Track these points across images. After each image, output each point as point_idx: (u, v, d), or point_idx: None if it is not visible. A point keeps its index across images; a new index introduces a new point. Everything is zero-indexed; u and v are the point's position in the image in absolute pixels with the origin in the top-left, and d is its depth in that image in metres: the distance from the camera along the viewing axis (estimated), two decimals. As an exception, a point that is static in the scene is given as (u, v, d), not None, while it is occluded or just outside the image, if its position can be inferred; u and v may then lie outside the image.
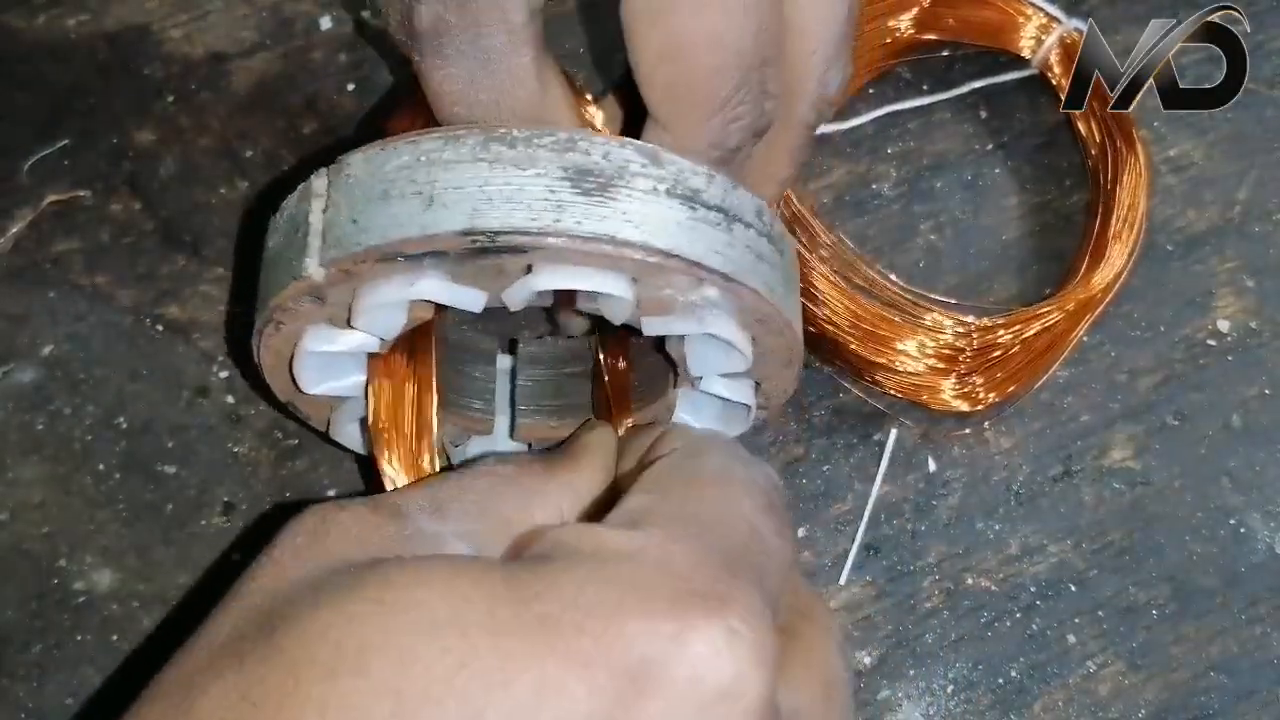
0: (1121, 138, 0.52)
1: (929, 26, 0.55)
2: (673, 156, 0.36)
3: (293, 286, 0.35)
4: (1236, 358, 0.51)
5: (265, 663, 0.29)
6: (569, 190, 0.34)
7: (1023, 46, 0.55)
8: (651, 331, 0.37)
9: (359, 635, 0.28)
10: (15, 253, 0.50)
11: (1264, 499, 0.49)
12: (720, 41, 0.37)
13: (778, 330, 0.38)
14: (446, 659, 0.28)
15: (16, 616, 0.45)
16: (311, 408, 0.42)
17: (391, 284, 0.35)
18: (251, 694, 0.28)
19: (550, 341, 0.47)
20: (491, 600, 0.29)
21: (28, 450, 0.47)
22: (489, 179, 0.34)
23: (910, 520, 0.48)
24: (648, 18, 0.37)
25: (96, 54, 0.54)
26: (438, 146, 0.35)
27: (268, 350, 0.39)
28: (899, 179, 0.54)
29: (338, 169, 0.36)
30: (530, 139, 0.35)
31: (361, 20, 0.55)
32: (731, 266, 0.36)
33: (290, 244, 0.36)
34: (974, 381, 0.49)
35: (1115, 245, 0.51)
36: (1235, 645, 0.47)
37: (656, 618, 0.28)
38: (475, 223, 0.34)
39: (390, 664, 0.28)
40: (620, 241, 0.34)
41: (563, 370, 0.47)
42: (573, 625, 0.28)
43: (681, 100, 0.38)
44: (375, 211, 0.34)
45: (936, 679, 0.46)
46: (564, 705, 0.27)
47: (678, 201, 0.35)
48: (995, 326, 0.48)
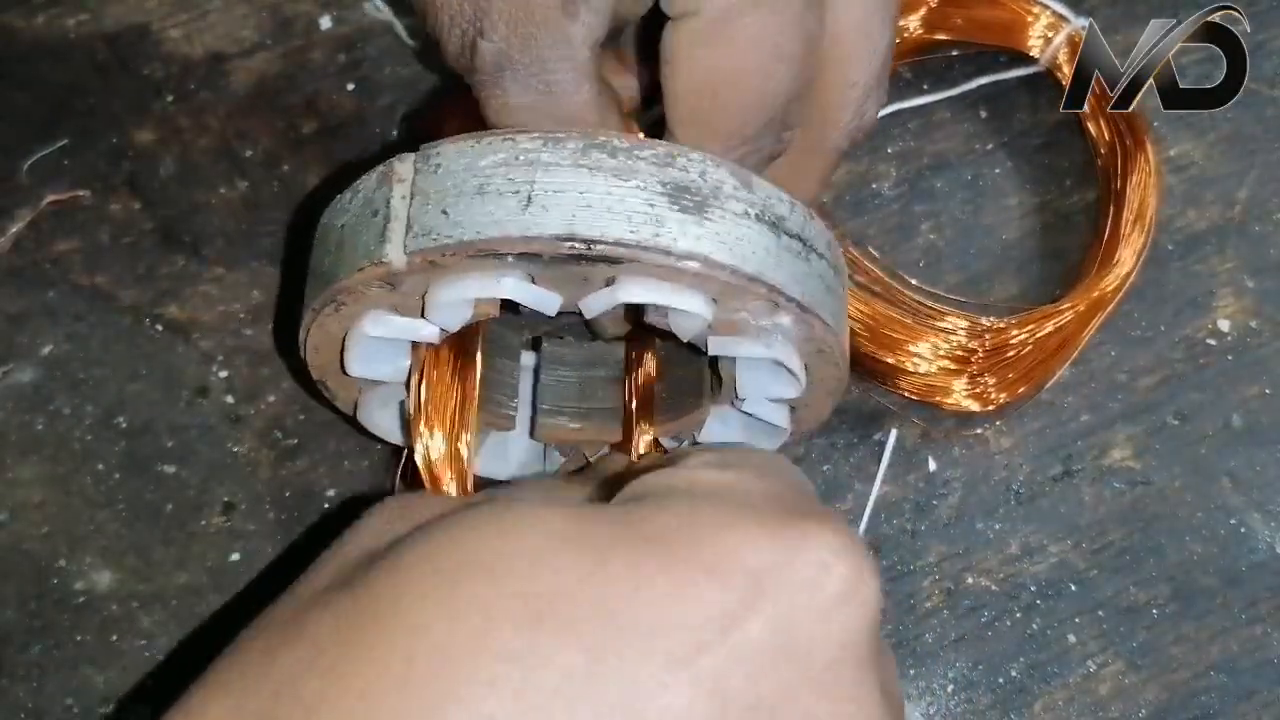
0: (1131, 137, 0.52)
1: (937, 26, 0.55)
2: (761, 182, 0.36)
3: (368, 271, 0.35)
4: (1236, 358, 0.51)
5: (379, 581, 0.30)
6: (667, 205, 0.34)
7: (1031, 45, 0.55)
8: (717, 351, 0.38)
9: (484, 546, 0.29)
10: (15, 253, 0.50)
11: (1264, 499, 0.49)
12: (752, 84, 0.38)
13: (833, 361, 0.39)
14: (578, 565, 0.29)
15: (16, 616, 0.45)
16: (341, 388, 0.42)
17: (475, 280, 0.35)
18: (368, 608, 0.29)
19: (576, 343, 0.47)
20: (612, 522, 0.30)
21: (28, 450, 0.47)
22: (590, 186, 0.34)
23: (910, 520, 0.48)
24: (687, 49, 0.37)
25: (95, 54, 0.54)
26: (537, 147, 0.34)
27: (320, 329, 0.38)
28: (899, 179, 0.54)
29: (425, 157, 0.36)
30: (631, 150, 0.34)
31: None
32: (808, 297, 0.36)
33: (366, 227, 0.36)
34: (986, 382, 0.49)
35: (1125, 245, 0.51)
36: (1235, 645, 0.47)
37: (773, 529, 0.30)
38: (574, 228, 0.33)
39: (519, 570, 0.29)
40: (712, 262, 0.34)
41: (587, 373, 0.46)
42: (692, 540, 0.29)
43: (705, 131, 0.38)
44: (469, 206, 0.34)
45: (936, 679, 0.46)
46: (694, 604, 0.28)
47: (765, 227, 0.35)
48: (1008, 327, 0.49)
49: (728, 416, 0.44)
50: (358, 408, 0.43)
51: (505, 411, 0.45)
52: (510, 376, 0.46)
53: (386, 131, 0.53)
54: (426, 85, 0.54)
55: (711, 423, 0.44)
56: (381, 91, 0.54)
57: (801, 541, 0.30)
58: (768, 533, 0.30)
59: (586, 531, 0.30)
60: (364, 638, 0.28)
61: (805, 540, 0.30)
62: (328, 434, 0.48)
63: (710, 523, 0.30)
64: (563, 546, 0.29)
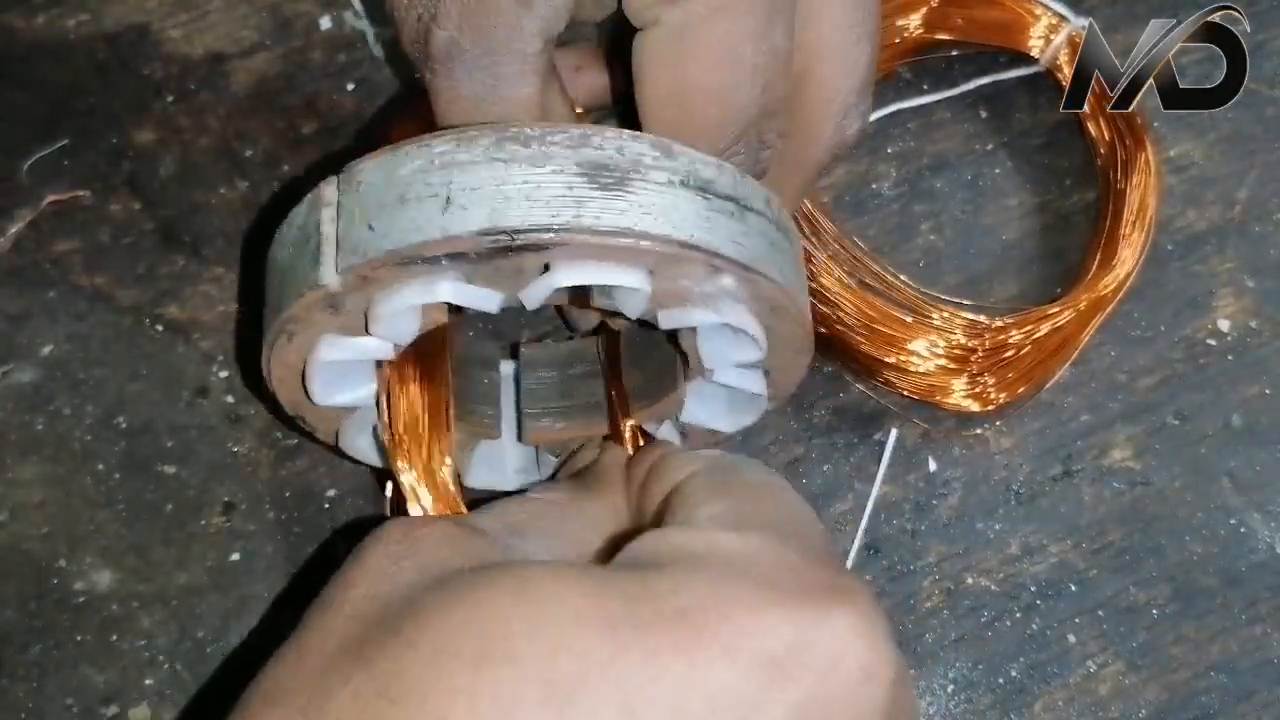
0: (1131, 137, 0.52)
1: (937, 26, 0.55)
2: (683, 148, 0.36)
3: (308, 297, 0.35)
4: (1236, 358, 0.51)
5: (399, 659, 0.29)
6: (586, 186, 0.34)
7: (1031, 45, 0.55)
8: (668, 324, 0.37)
9: (503, 627, 0.29)
10: (15, 253, 0.50)
11: (1264, 499, 0.49)
12: (724, 97, 0.38)
13: (791, 318, 0.39)
14: (598, 650, 0.28)
15: (16, 616, 0.45)
16: (319, 420, 0.42)
17: (410, 288, 0.35)
18: (389, 690, 0.28)
19: (552, 344, 0.47)
20: (628, 598, 0.30)
21: (28, 450, 0.47)
22: (505, 178, 0.34)
23: (910, 520, 0.48)
24: (660, 61, 0.37)
25: (96, 54, 0.54)
26: (450, 149, 0.34)
27: (278, 363, 0.38)
28: (899, 179, 0.54)
29: (348, 177, 0.36)
30: (544, 136, 0.34)
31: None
32: (747, 255, 0.36)
33: (302, 254, 0.36)
34: (985, 381, 0.49)
35: (1125, 245, 0.51)
36: (1235, 645, 0.47)
37: (794, 607, 0.29)
38: (495, 222, 0.34)
39: (540, 654, 0.28)
40: (641, 234, 0.34)
41: (567, 371, 0.47)
42: (713, 617, 0.29)
43: (682, 140, 0.38)
44: (392, 216, 0.34)
45: (936, 679, 0.46)
46: (714, 691, 0.28)
47: (692, 192, 0.35)
48: (1007, 326, 0.49)
49: (704, 391, 0.43)
50: (338, 437, 0.43)
51: (490, 420, 0.46)
52: (491, 386, 0.46)
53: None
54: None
55: (691, 401, 0.44)
56: (381, 91, 0.54)
57: (821, 621, 0.29)
58: (787, 614, 0.29)
59: (606, 610, 0.29)
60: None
61: (825, 620, 0.29)
62: (328, 434, 0.48)
63: (729, 602, 0.30)
64: (582, 628, 0.29)
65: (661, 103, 0.38)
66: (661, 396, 0.44)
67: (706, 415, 0.44)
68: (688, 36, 0.37)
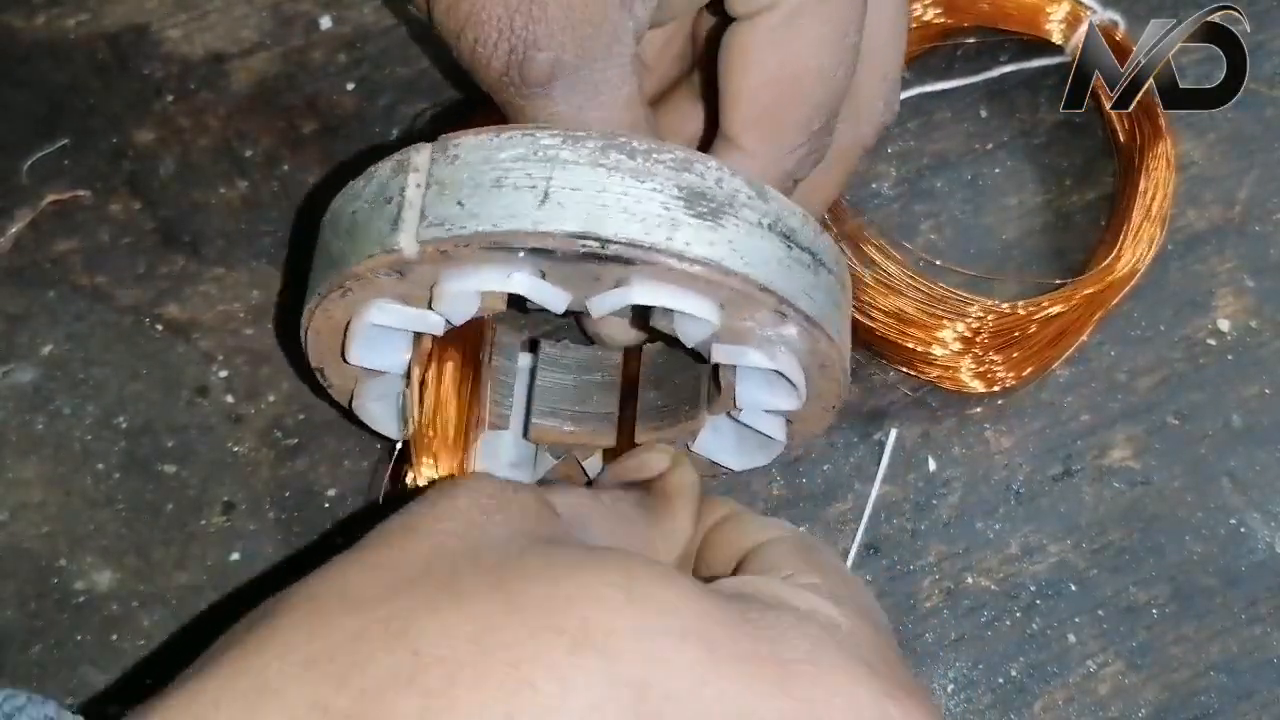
0: (1149, 122, 0.52)
1: (959, 11, 0.55)
2: (775, 193, 0.36)
3: (378, 258, 0.35)
4: (1236, 358, 0.51)
5: (497, 613, 0.28)
6: (683, 210, 0.34)
7: (1050, 31, 0.55)
8: (720, 359, 0.38)
9: (608, 620, 0.28)
10: (15, 253, 0.50)
11: (1264, 499, 0.49)
12: (827, 77, 0.38)
13: (834, 377, 0.39)
14: (693, 669, 0.28)
15: (16, 616, 0.45)
16: (339, 377, 0.42)
17: (485, 273, 0.35)
18: (482, 638, 0.28)
19: (572, 346, 0.47)
20: (732, 627, 0.30)
21: (28, 450, 0.47)
22: (606, 185, 0.34)
23: (910, 520, 0.48)
24: (762, 45, 0.38)
25: (96, 54, 0.54)
26: (555, 144, 0.34)
27: (324, 315, 0.38)
28: (899, 179, 0.54)
29: (442, 147, 0.35)
30: (650, 152, 0.35)
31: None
32: (815, 309, 0.36)
33: (378, 214, 0.35)
34: (992, 361, 0.49)
35: (1141, 231, 0.51)
36: (1235, 645, 0.47)
37: (885, 692, 0.30)
38: (590, 227, 0.33)
39: (639, 658, 0.28)
40: (724, 269, 0.34)
41: (583, 377, 0.46)
42: (809, 676, 0.29)
43: (776, 127, 0.39)
44: (485, 198, 0.34)
45: (936, 679, 0.46)
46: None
47: (777, 238, 0.36)
48: (1015, 307, 0.49)
49: (722, 427, 0.43)
50: (354, 398, 0.43)
51: (501, 410, 0.45)
52: (507, 375, 0.46)
53: (386, 131, 0.53)
54: (427, 85, 0.54)
55: (706, 433, 0.44)
56: (381, 91, 0.54)
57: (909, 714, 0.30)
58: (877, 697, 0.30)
59: (709, 631, 0.29)
60: (469, 667, 0.27)
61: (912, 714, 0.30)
62: (328, 434, 0.48)
63: (829, 666, 0.30)
64: (682, 642, 0.29)
65: (767, 87, 0.38)
66: (677, 422, 0.44)
67: (718, 450, 0.44)
68: (803, 18, 0.37)
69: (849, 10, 0.38)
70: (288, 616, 0.29)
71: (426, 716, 0.27)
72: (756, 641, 0.29)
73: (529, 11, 0.35)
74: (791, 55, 0.38)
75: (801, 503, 0.48)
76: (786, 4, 0.37)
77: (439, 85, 0.54)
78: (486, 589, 0.29)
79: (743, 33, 0.38)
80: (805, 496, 0.48)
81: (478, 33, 0.36)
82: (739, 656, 0.29)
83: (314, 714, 0.27)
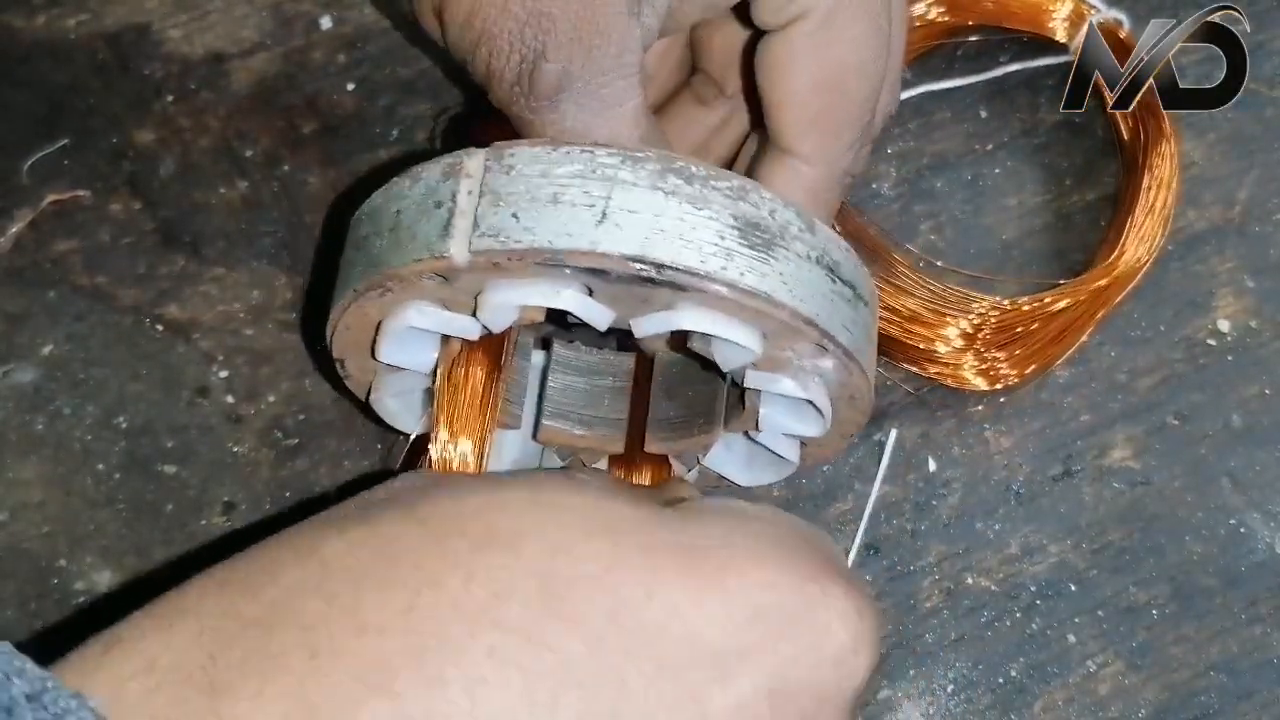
0: (1153, 121, 0.52)
1: (961, 10, 0.55)
2: (822, 225, 0.36)
3: (425, 262, 0.35)
4: (1236, 358, 0.51)
5: (401, 525, 0.30)
6: (738, 240, 0.34)
7: (1054, 30, 0.55)
8: (754, 385, 0.38)
9: (512, 521, 0.30)
10: (15, 253, 0.50)
11: (1264, 499, 0.49)
12: (869, 69, 0.39)
13: (860, 408, 0.39)
14: (598, 558, 0.29)
15: (16, 616, 0.45)
16: (359, 370, 0.41)
17: (535, 287, 0.35)
18: (387, 548, 0.29)
19: (585, 349, 0.47)
20: (643, 521, 0.30)
21: (28, 450, 0.47)
22: (664, 209, 0.34)
23: (910, 520, 0.48)
24: (806, 50, 0.38)
25: (96, 54, 0.54)
26: (615, 163, 0.34)
27: (358, 311, 0.38)
28: (899, 179, 0.54)
29: (498, 156, 0.35)
30: (707, 179, 0.35)
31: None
32: (852, 343, 0.37)
33: (428, 218, 0.35)
34: (995, 358, 0.49)
35: (1145, 227, 0.50)
36: (1235, 645, 0.47)
37: (801, 575, 0.30)
38: (646, 251, 0.33)
39: (542, 550, 0.29)
40: (774, 301, 0.34)
41: (595, 381, 0.46)
42: (721, 559, 0.30)
43: (831, 129, 0.39)
44: (542, 213, 0.34)
45: (936, 679, 0.46)
46: (700, 627, 0.29)
47: (823, 271, 0.36)
48: (1018, 303, 0.49)
49: (735, 444, 0.43)
50: (372, 391, 0.42)
51: (513, 409, 0.45)
52: (521, 375, 0.46)
53: (386, 131, 0.53)
54: (426, 85, 0.54)
55: (717, 447, 0.44)
56: (381, 91, 0.54)
57: (820, 598, 0.30)
58: (790, 580, 0.30)
59: (615, 523, 0.30)
60: (376, 572, 0.29)
61: (823, 598, 0.30)
62: (328, 434, 0.48)
63: (747, 548, 0.30)
64: (587, 536, 0.30)
65: (812, 92, 0.38)
66: (690, 435, 0.43)
67: (729, 465, 0.44)
68: (837, 19, 0.37)
69: (879, 1, 0.38)
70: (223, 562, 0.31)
71: (331, 616, 0.28)
72: (666, 532, 0.30)
73: (539, 24, 0.35)
74: (832, 57, 0.38)
75: (801, 503, 0.48)
76: (820, 8, 0.37)
77: (439, 85, 0.54)
78: (395, 512, 0.30)
79: (780, 43, 0.38)
80: (805, 496, 0.48)
81: (491, 46, 0.36)
82: (645, 547, 0.30)
83: (225, 621, 0.28)
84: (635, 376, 0.45)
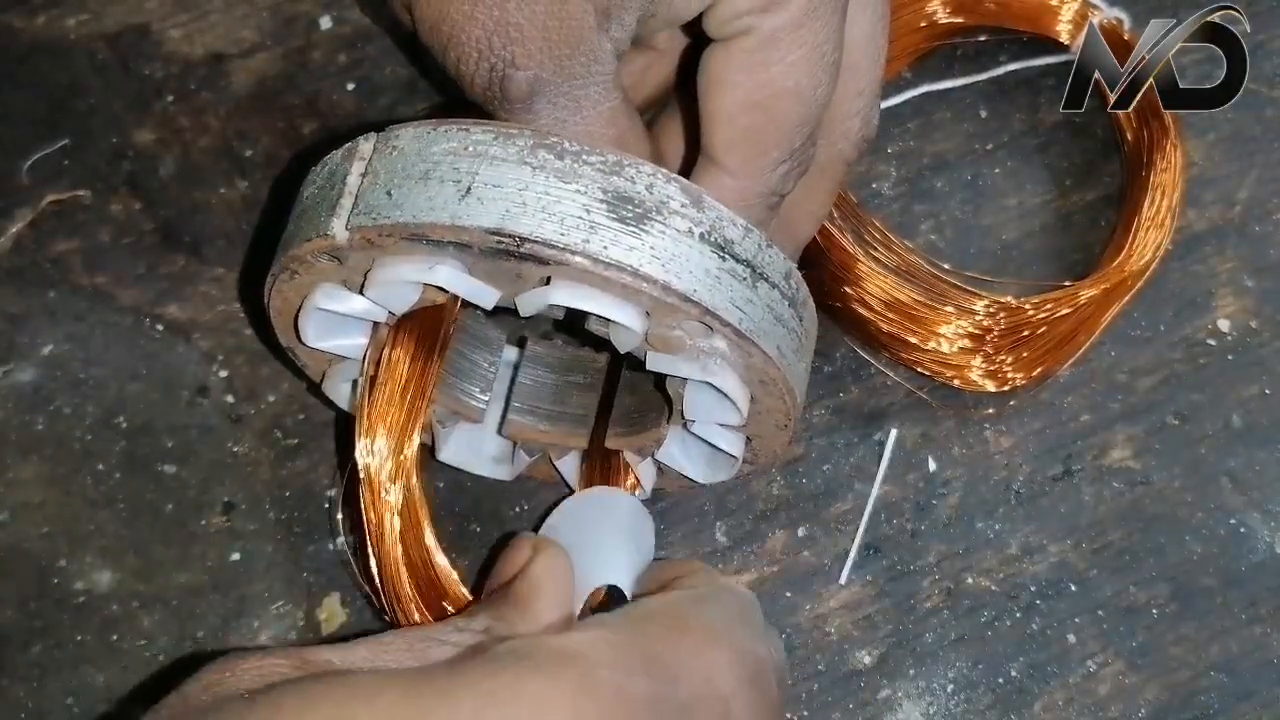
0: (1156, 120, 0.52)
1: (967, 11, 0.55)
2: (714, 203, 0.36)
3: (315, 241, 0.36)
4: (1236, 358, 0.51)
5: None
6: (604, 213, 0.34)
7: (1059, 30, 0.55)
8: (654, 368, 0.38)
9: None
10: (15, 253, 0.50)
11: (1264, 499, 0.49)
12: (806, 97, 0.38)
13: (779, 395, 0.39)
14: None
15: (16, 616, 0.45)
16: (310, 359, 0.42)
17: (411, 264, 0.35)
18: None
19: (559, 346, 0.47)
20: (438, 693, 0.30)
21: (28, 450, 0.47)
22: (530, 183, 0.34)
23: (910, 520, 0.48)
24: (740, 67, 0.38)
25: (96, 54, 0.54)
26: (487, 139, 0.35)
27: (278, 295, 0.39)
28: (899, 179, 0.54)
29: (385, 138, 0.36)
30: (580, 154, 0.35)
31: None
32: (747, 324, 0.36)
33: (324, 199, 0.36)
34: (1002, 360, 0.49)
35: (1151, 229, 0.50)
36: (1235, 645, 0.47)
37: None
38: (505, 224, 0.34)
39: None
40: (641, 275, 0.34)
41: (565, 377, 0.47)
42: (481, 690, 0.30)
43: (757, 147, 0.39)
44: (412, 190, 0.34)
45: (936, 678, 0.46)
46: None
47: (709, 248, 0.35)
48: (1024, 306, 0.49)
49: (685, 438, 0.43)
50: (324, 379, 0.43)
51: (475, 403, 0.45)
52: (487, 369, 0.46)
53: (386, 131, 0.53)
54: (426, 85, 0.54)
55: (672, 443, 0.44)
56: (381, 91, 0.54)
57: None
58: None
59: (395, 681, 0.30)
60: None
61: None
62: (328, 434, 0.48)
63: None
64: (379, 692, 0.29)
65: (747, 109, 0.38)
66: (644, 429, 0.44)
67: (683, 460, 0.44)
68: (780, 41, 0.37)
69: (826, 32, 0.38)
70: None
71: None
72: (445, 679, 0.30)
73: (506, 33, 0.35)
74: (768, 78, 0.38)
75: (802, 503, 0.48)
76: (763, 29, 0.37)
77: (439, 85, 0.54)
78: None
79: (720, 55, 0.38)
80: (805, 496, 0.48)
81: (459, 52, 0.36)
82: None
83: None
84: (608, 373, 0.46)
